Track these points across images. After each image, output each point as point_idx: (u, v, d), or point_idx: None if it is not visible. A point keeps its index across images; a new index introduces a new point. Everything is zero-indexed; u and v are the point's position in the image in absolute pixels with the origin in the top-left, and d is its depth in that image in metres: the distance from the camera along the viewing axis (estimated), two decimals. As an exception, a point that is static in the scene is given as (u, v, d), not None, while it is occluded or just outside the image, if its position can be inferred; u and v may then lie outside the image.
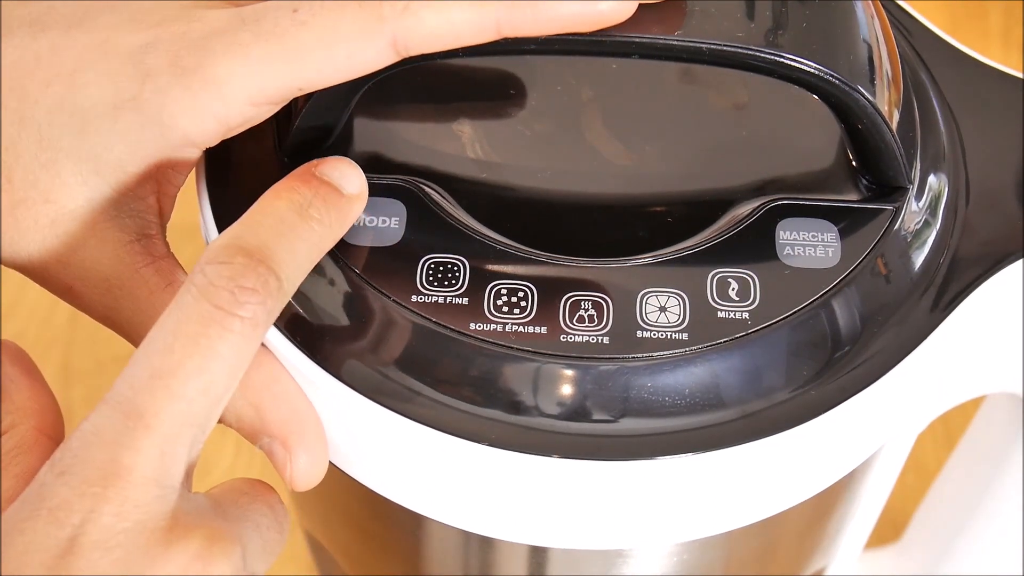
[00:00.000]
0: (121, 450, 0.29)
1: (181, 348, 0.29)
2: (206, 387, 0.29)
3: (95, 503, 0.28)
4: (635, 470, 0.33)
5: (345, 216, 0.33)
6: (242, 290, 0.30)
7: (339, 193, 0.33)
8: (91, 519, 0.28)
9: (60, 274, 0.35)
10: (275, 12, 0.32)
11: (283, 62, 0.32)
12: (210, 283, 0.30)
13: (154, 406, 0.29)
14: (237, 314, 0.30)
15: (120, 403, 0.29)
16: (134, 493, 0.29)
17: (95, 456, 0.29)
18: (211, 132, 0.33)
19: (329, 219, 0.33)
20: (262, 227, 0.31)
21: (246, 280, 0.30)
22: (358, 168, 0.34)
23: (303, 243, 0.32)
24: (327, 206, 0.33)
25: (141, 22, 0.34)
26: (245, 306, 0.30)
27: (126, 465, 0.29)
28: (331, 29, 0.32)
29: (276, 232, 0.31)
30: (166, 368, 0.29)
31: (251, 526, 0.32)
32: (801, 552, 0.46)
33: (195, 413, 0.30)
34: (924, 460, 0.65)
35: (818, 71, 0.33)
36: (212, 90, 0.32)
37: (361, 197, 0.34)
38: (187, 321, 0.29)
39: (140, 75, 0.33)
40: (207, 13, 0.33)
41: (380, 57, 0.32)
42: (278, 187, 0.32)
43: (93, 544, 0.28)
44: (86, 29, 0.34)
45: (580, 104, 0.38)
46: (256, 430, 0.34)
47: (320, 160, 0.33)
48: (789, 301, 0.34)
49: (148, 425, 0.29)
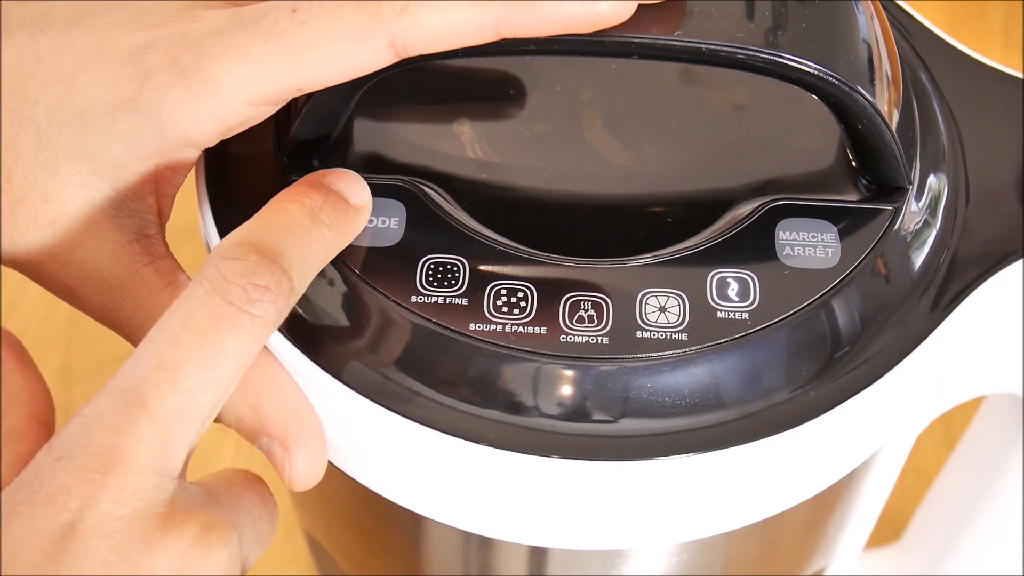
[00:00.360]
0: (122, 437, 0.29)
1: (189, 341, 0.29)
2: (211, 382, 0.29)
3: (93, 489, 0.28)
4: (635, 470, 0.33)
5: (352, 225, 0.34)
6: (255, 287, 0.30)
7: (347, 202, 0.33)
8: (89, 505, 0.28)
9: (59, 274, 0.35)
10: (274, 12, 0.32)
11: (282, 62, 0.32)
12: (223, 278, 0.30)
13: (158, 396, 0.29)
14: (249, 311, 0.30)
15: (124, 391, 0.29)
16: (133, 480, 0.29)
17: (95, 442, 0.29)
18: (210, 132, 0.33)
19: (338, 226, 0.33)
20: (275, 227, 0.31)
21: (259, 278, 0.30)
22: (363, 181, 0.34)
23: (314, 246, 0.32)
24: (336, 213, 0.33)
25: (140, 22, 0.34)
26: (257, 304, 0.30)
27: (126, 452, 0.29)
28: (330, 29, 0.32)
29: (289, 233, 0.31)
30: (173, 360, 0.29)
31: (245, 515, 0.32)
32: (801, 552, 0.46)
33: (198, 407, 0.29)
34: (924, 460, 0.65)
35: (818, 71, 0.33)
36: (211, 90, 0.32)
37: (366, 209, 0.34)
38: (197, 315, 0.29)
39: (139, 75, 0.33)
40: (206, 13, 0.33)
41: (379, 57, 0.32)
42: (289, 191, 0.33)
43: (91, 530, 0.28)
44: (85, 29, 0.34)
45: (580, 104, 0.38)
46: (255, 430, 0.34)
47: (327, 171, 0.34)
48: (789, 301, 0.34)
49: (151, 414, 0.29)
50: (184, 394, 0.29)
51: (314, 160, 0.36)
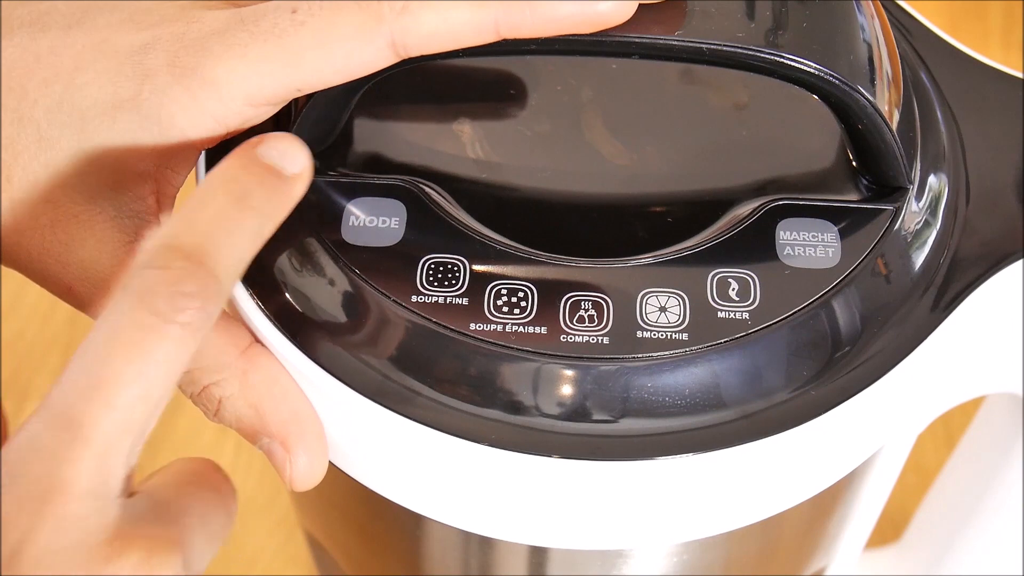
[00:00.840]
0: (58, 464, 0.28)
1: (119, 356, 0.28)
2: (144, 394, 0.28)
3: (33, 520, 0.28)
4: (635, 470, 0.33)
5: (286, 200, 0.32)
6: (181, 296, 0.29)
7: (280, 176, 0.31)
8: (30, 538, 0.28)
9: (60, 274, 0.35)
10: (274, 12, 0.32)
11: (281, 63, 0.32)
12: (148, 290, 0.28)
13: (91, 416, 0.28)
14: (176, 320, 0.28)
15: (56, 415, 0.28)
16: (73, 508, 0.28)
17: (32, 470, 0.28)
18: (210, 132, 0.33)
19: (270, 207, 0.31)
20: (199, 223, 0.30)
21: (185, 285, 0.29)
22: (301, 144, 0.32)
23: (242, 236, 0.30)
24: (268, 192, 0.31)
25: (140, 22, 0.34)
26: (184, 312, 0.29)
27: (64, 479, 0.28)
28: (329, 30, 0.32)
29: (215, 227, 0.30)
30: (103, 377, 0.28)
31: (195, 521, 0.31)
32: (801, 552, 0.46)
33: (133, 420, 0.29)
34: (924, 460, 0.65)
35: (818, 71, 0.33)
36: (210, 90, 0.32)
37: (303, 176, 0.32)
38: (124, 329, 0.28)
39: (139, 75, 0.33)
40: (206, 13, 0.33)
41: (379, 58, 0.32)
42: (215, 175, 0.31)
43: (34, 562, 0.28)
44: (85, 29, 0.34)
45: (580, 104, 0.38)
46: (256, 431, 0.34)
47: (261, 137, 0.32)
48: (789, 301, 0.34)
49: (86, 437, 0.28)
50: (117, 411, 0.28)
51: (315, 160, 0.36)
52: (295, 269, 0.35)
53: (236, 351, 0.34)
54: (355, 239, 0.35)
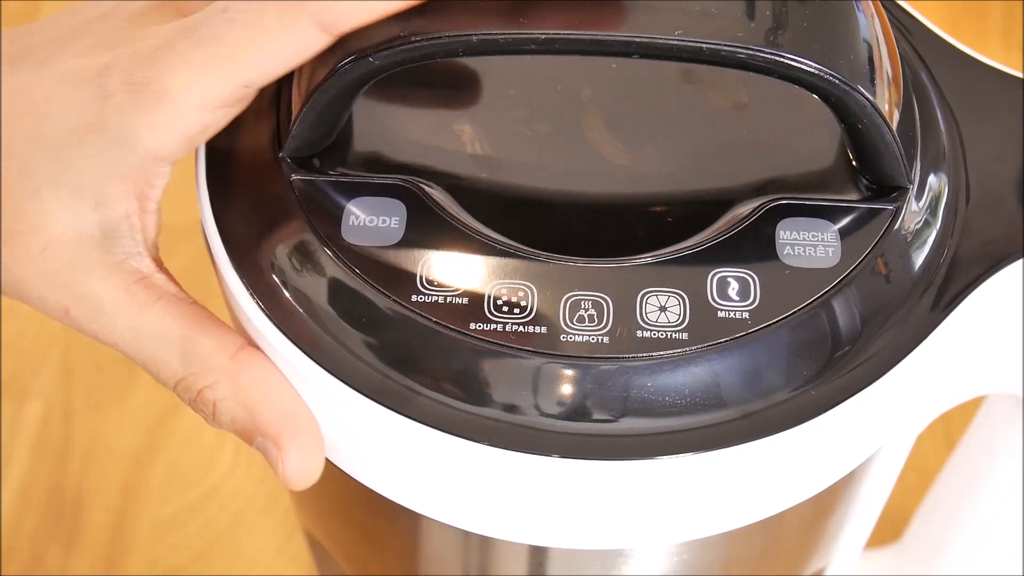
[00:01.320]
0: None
1: None
2: None
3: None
4: (635, 470, 0.33)
5: None
6: None
7: None
8: None
9: (57, 298, 0.35)
10: (209, 17, 0.33)
11: (223, 63, 0.33)
12: None
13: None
14: None
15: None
16: None
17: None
18: (173, 143, 0.34)
19: None
20: None
21: None
22: None
23: None
24: None
25: (100, 46, 0.35)
26: None
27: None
28: (257, 24, 0.32)
29: None
30: None
31: None
32: (801, 552, 0.46)
33: None
34: (924, 460, 0.65)
35: (818, 71, 0.33)
36: (165, 102, 0.33)
37: None
38: None
39: (100, 98, 0.34)
40: (156, 29, 0.34)
41: (312, 41, 0.33)
42: None
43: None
44: (56, 61, 0.35)
45: (580, 104, 0.38)
46: (249, 431, 0.35)
47: None
48: (789, 301, 0.34)
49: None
50: None
51: (314, 160, 0.36)
52: (295, 269, 0.35)
53: (226, 355, 0.35)
54: (355, 239, 0.35)
